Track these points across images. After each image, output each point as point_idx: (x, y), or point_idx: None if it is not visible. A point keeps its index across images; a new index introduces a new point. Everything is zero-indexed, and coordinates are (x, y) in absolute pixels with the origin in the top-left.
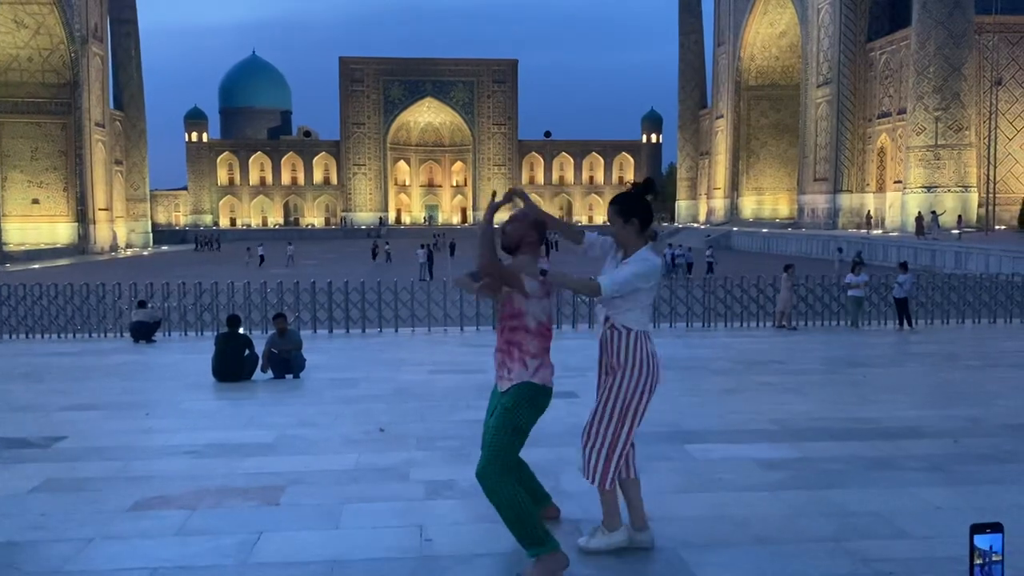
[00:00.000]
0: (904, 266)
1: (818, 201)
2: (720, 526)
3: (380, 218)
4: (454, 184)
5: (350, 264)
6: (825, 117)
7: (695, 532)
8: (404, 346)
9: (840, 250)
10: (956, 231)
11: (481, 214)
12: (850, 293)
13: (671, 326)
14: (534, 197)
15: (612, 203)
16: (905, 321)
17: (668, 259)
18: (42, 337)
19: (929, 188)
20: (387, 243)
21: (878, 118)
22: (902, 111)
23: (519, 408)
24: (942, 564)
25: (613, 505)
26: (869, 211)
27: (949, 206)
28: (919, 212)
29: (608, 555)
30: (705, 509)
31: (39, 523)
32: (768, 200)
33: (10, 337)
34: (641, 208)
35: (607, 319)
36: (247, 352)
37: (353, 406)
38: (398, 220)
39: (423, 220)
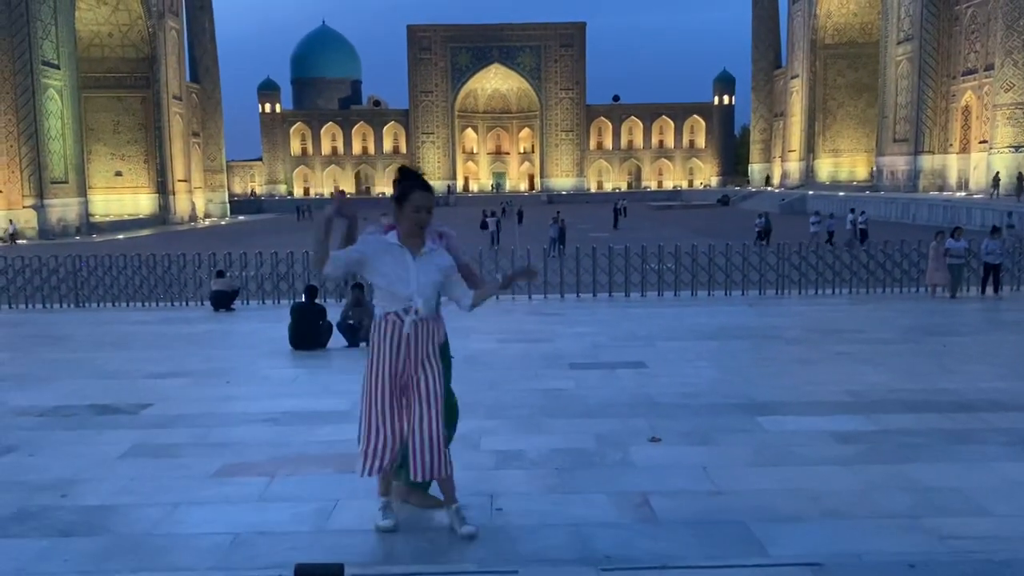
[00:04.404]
0: (997, 230)
1: (898, 163)
2: (792, 500)
3: (448, 186)
4: (521, 151)
5: None
6: (906, 75)
7: (766, 505)
8: (473, 314)
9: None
10: None
11: (549, 182)
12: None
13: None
14: (602, 164)
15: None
16: (992, 287)
17: (814, 226)
18: (127, 305)
19: (1017, 148)
20: (495, 213)
21: (963, 75)
22: (989, 67)
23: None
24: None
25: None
26: (998, 172)
27: None
28: (1015, 173)
29: (678, 526)
30: (777, 482)
31: (129, 487)
32: (845, 162)
33: (98, 306)
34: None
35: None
36: (322, 322)
37: None
38: (466, 188)
39: (491, 188)
